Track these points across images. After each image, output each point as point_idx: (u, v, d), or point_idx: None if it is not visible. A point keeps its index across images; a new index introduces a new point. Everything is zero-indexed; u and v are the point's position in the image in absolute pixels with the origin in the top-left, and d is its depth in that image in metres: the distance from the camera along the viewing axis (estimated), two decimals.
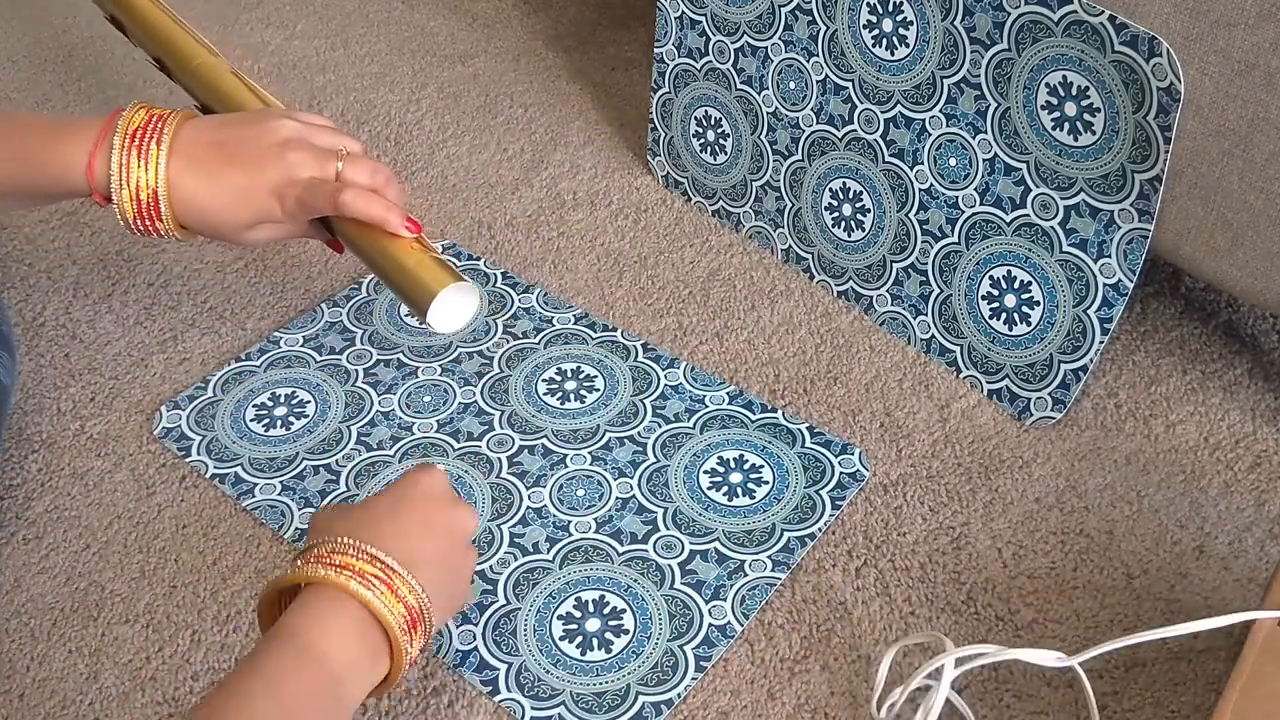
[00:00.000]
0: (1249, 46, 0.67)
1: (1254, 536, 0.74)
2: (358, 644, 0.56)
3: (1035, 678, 0.66)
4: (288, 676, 0.53)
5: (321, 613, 0.56)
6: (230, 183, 0.69)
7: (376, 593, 0.56)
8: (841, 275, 0.91)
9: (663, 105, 1.00)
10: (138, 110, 0.70)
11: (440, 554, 0.61)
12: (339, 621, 0.55)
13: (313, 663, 0.54)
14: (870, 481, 0.77)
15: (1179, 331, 0.88)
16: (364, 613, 0.56)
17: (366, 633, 0.56)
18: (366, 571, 0.57)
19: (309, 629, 0.55)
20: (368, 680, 0.57)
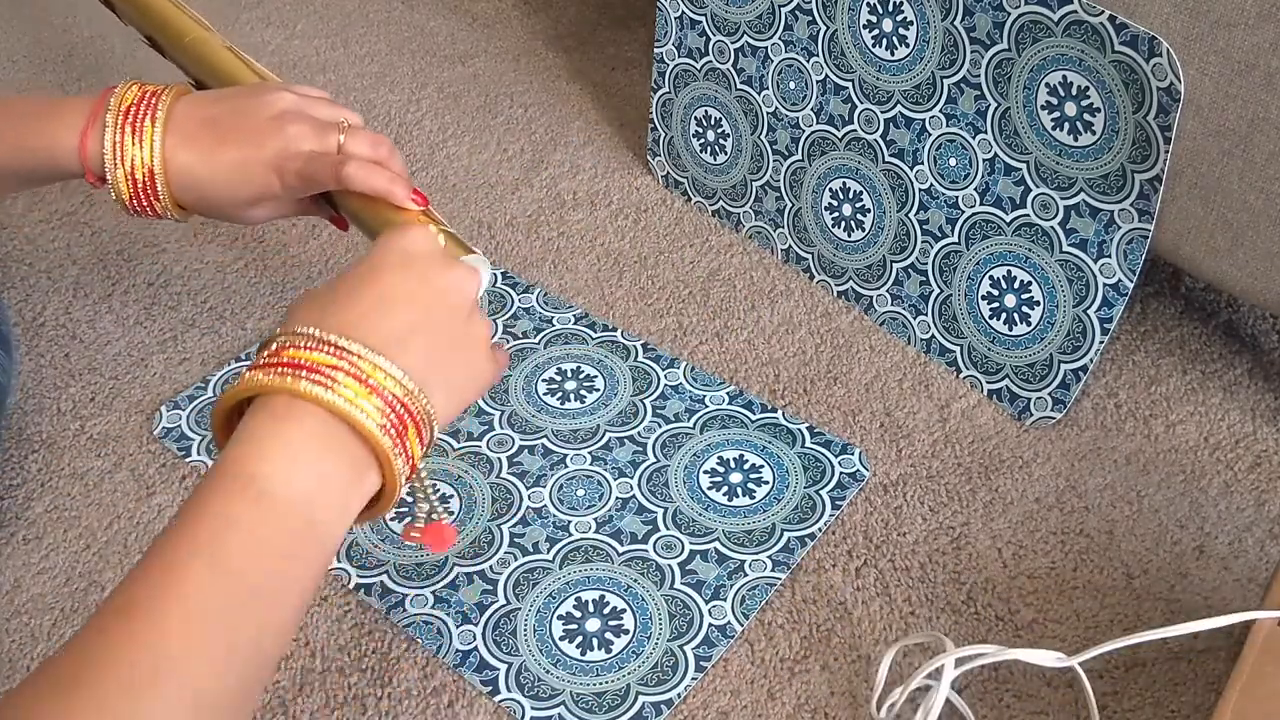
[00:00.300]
0: (1249, 46, 0.67)
1: (1254, 536, 0.74)
2: (322, 461, 0.46)
3: (1035, 678, 0.66)
4: (231, 521, 0.44)
5: (267, 433, 0.45)
6: (228, 158, 0.67)
7: (338, 389, 0.46)
8: (841, 275, 0.91)
9: (663, 105, 1.00)
10: (130, 87, 0.68)
11: (432, 326, 0.51)
12: (293, 437, 0.45)
13: (260, 500, 0.44)
14: (870, 481, 0.77)
15: (1179, 331, 0.88)
16: (326, 417, 0.46)
17: (336, 444, 0.46)
18: (322, 364, 0.46)
19: (252, 457, 0.45)
20: (350, 503, 0.47)
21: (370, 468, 0.48)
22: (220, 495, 0.44)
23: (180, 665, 0.40)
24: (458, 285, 0.54)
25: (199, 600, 0.42)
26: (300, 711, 0.65)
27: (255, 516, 0.44)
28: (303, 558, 0.45)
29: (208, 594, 0.42)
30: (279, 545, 0.44)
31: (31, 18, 1.28)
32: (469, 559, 0.72)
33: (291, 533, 0.45)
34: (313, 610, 0.70)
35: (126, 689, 0.39)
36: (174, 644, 0.40)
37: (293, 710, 0.65)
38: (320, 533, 0.46)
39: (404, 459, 0.49)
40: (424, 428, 0.50)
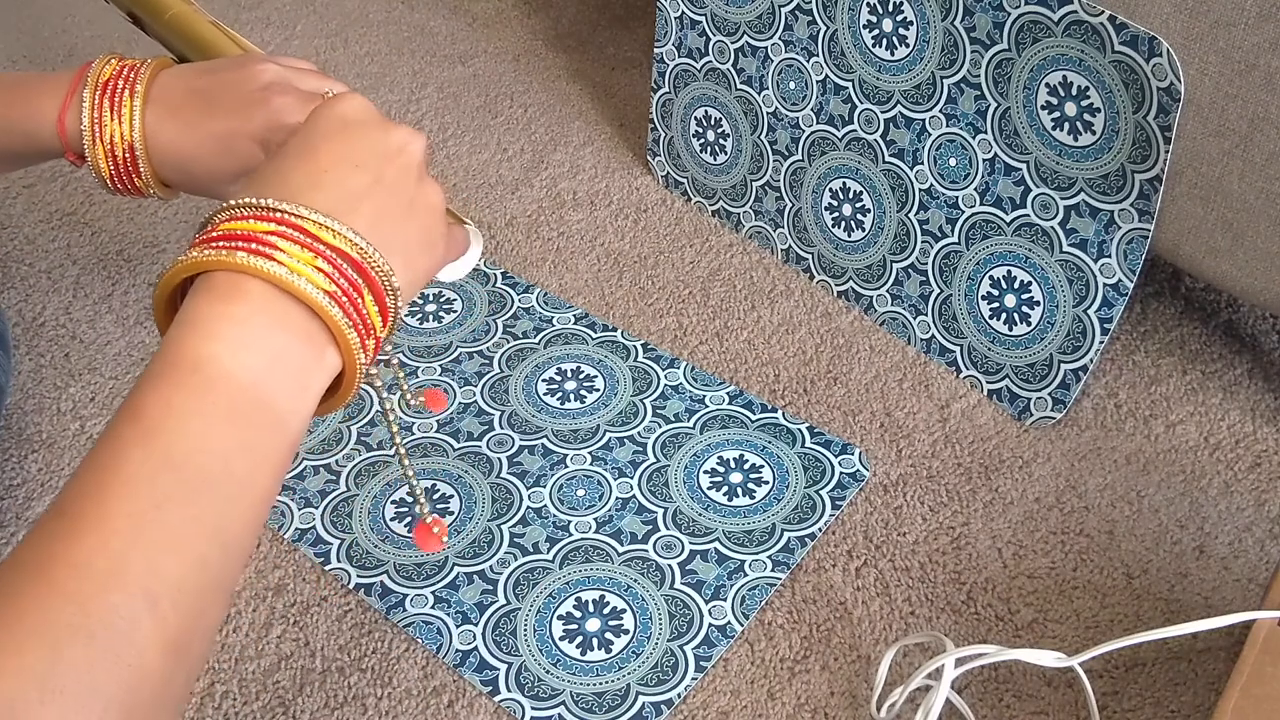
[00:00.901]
0: (1249, 46, 0.67)
1: (1254, 536, 0.74)
2: (271, 338, 0.42)
3: (1035, 678, 0.66)
4: (175, 408, 0.40)
5: (209, 313, 0.42)
6: (212, 131, 0.64)
7: (280, 256, 0.42)
8: (841, 275, 0.91)
9: (663, 105, 1.00)
10: (109, 60, 0.65)
11: (379, 187, 0.48)
12: (236, 315, 0.42)
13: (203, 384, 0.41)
14: (870, 481, 0.77)
15: (1179, 331, 0.88)
16: (269, 290, 0.43)
17: (284, 318, 0.43)
18: (261, 233, 0.43)
19: (192, 339, 0.41)
20: (309, 382, 0.44)
21: (327, 343, 0.45)
22: (161, 383, 0.41)
23: (132, 565, 0.37)
24: (403, 145, 0.50)
25: (146, 494, 0.38)
26: (300, 711, 0.65)
27: (201, 402, 0.40)
28: (261, 446, 0.42)
29: (154, 487, 0.39)
30: (231, 431, 0.41)
31: (31, 17, 1.28)
32: (469, 559, 0.72)
33: (245, 418, 0.41)
34: (313, 610, 0.70)
35: (74, 596, 0.36)
36: (122, 543, 0.37)
37: (293, 710, 0.65)
38: (278, 417, 0.42)
39: (360, 330, 0.45)
40: (384, 293, 0.46)
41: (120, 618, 0.36)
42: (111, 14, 1.27)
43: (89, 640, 0.35)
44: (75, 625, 0.36)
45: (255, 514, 0.42)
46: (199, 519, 0.39)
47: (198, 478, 0.40)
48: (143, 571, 0.37)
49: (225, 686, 0.66)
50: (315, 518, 0.75)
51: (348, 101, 0.51)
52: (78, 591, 0.36)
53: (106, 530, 0.37)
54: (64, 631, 0.35)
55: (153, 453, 0.39)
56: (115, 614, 0.36)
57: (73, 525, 0.38)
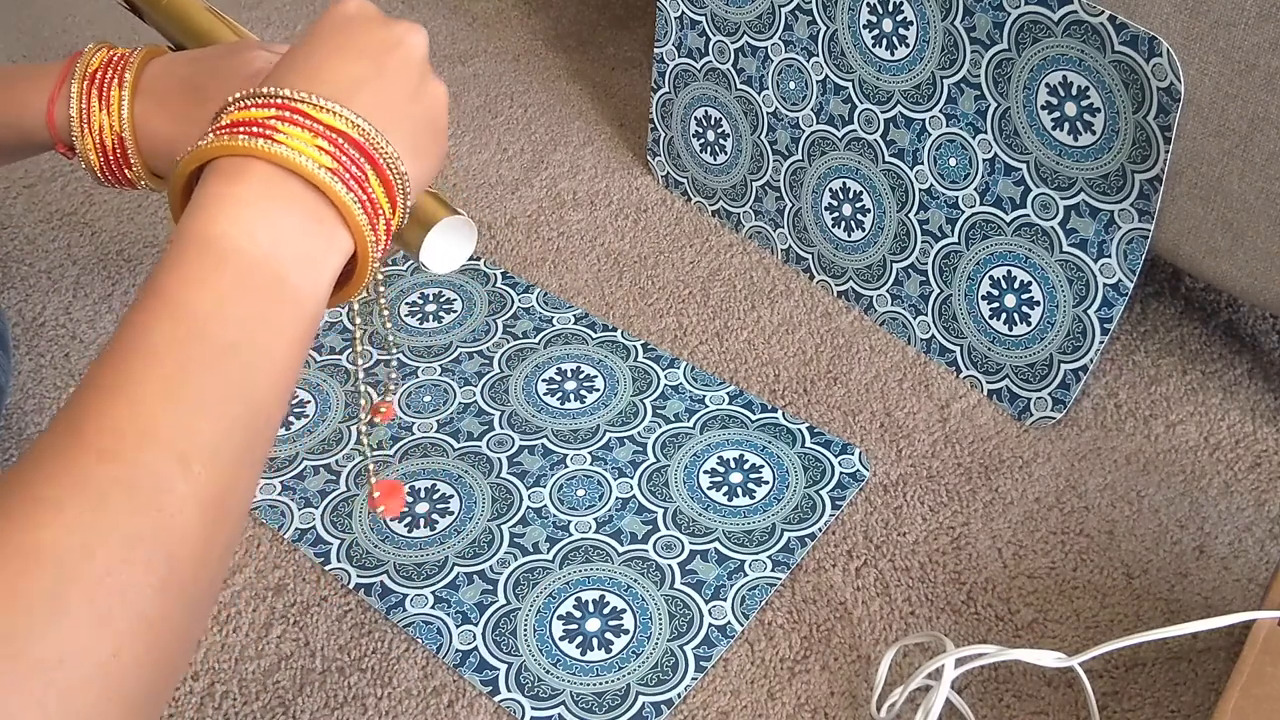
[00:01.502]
0: (1249, 46, 0.67)
1: (1254, 536, 0.74)
2: (280, 217, 0.43)
3: (1035, 678, 0.66)
4: (192, 281, 0.42)
5: (219, 195, 0.43)
6: (202, 121, 0.62)
7: (280, 138, 0.43)
8: (841, 275, 0.91)
9: (663, 105, 1.00)
10: (98, 50, 0.64)
11: (381, 75, 0.48)
12: (244, 196, 0.43)
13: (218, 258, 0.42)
14: (870, 481, 0.77)
15: (1179, 331, 0.88)
16: (274, 172, 0.44)
17: (291, 199, 0.44)
18: (263, 119, 0.44)
19: (203, 218, 0.43)
20: (322, 262, 0.45)
21: (337, 223, 0.45)
22: (177, 262, 0.42)
23: (163, 427, 0.38)
24: (404, 37, 0.51)
25: (173, 361, 0.40)
26: (300, 711, 0.65)
27: (216, 276, 0.42)
28: (278, 317, 0.43)
29: (180, 354, 0.40)
30: (249, 303, 0.42)
31: (31, 17, 1.28)
32: (469, 559, 0.73)
33: (260, 290, 0.43)
34: (313, 610, 0.70)
35: (111, 455, 0.37)
36: (153, 406, 0.38)
37: (293, 710, 0.65)
38: (294, 292, 0.43)
39: (368, 210, 0.46)
40: (389, 174, 0.47)
41: (157, 475, 0.37)
42: (112, 13, 1.27)
43: (129, 494, 0.37)
44: (114, 480, 0.37)
45: (280, 384, 0.43)
46: (225, 384, 0.40)
47: (220, 345, 0.41)
48: (174, 433, 0.38)
49: (225, 686, 0.66)
50: (315, 518, 0.75)
51: (347, 3, 0.51)
52: (114, 451, 0.37)
53: (137, 395, 0.38)
54: (104, 485, 0.36)
55: (177, 323, 0.40)
56: (152, 471, 0.37)
57: (104, 393, 0.39)
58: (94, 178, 0.65)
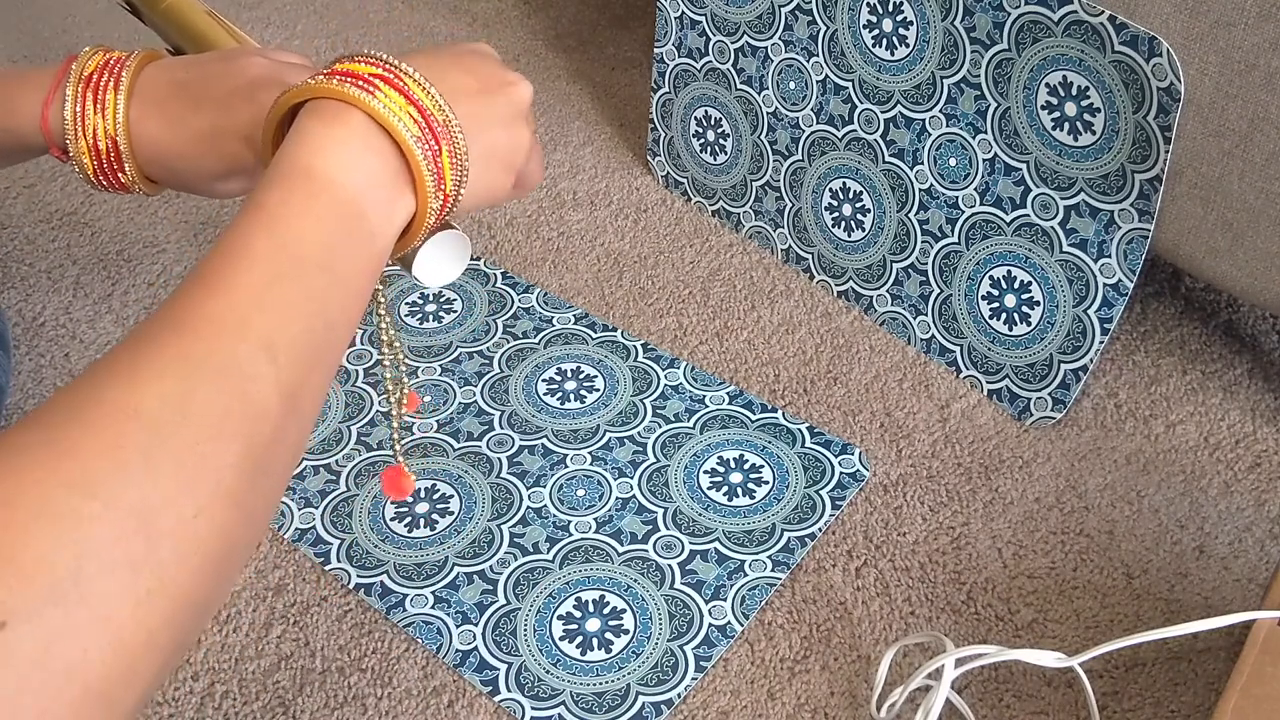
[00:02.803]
0: (1249, 46, 0.67)
1: (1254, 536, 0.74)
2: (367, 160, 0.49)
3: (1035, 678, 0.66)
4: (290, 204, 0.47)
5: (319, 132, 0.48)
6: (197, 127, 0.63)
7: (380, 96, 0.48)
8: (841, 275, 0.91)
9: (663, 105, 1.00)
10: (94, 53, 0.64)
11: (485, 98, 0.54)
12: (341, 137, 0.48)
13: (316, 186, 0.47)
14: (870, 481, 0.77)
15: (1179, 331, 0.88)
16: (368, 124, 0.49)
17: (378, 148, 0.49)
18: (368, 74, 0.49)
19: (304, 151, 0.48)
20: (392, 211, 0.50)
21: (406, 184, 0.50)
22: (279, 184, 0.47)
23: (254, 322, 0.43)
24: (514, 84, 0.56)
25: (267, 269, 0.45)
26: (300, 711, 0.65)
27: (313, 201, 0.47)
28: (357, 249, 0.48)
29: (273, 264, 0.45)
30: (335, 229, 0.47)
31: (31, 17, 1.28)
32: (469, 559, 0.73)
33: (346, 221, 0.48)
34: (313, 610, 0.70)
35: (206, 339, 0.42)
36: (247, 304, 0.44)
37: (293, 710, 0.65)
38: (370, 228, 0.49)
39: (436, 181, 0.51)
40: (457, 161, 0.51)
41: (246, 360, 0.42)
42: (112, 14, 1.27)
43: (221, 374, 0.41)
44: (209, 359, 0.41)
45: (351, 309, 0.48)
46: (308, 297, 0.46)
47: (308, 262, 0.46)
48: (263, 328, 0.43)
49: (225, 686, 0.66)
50: (315, 518, 0.75)
51: (479, 44, 0.58)
52: (210, 336, 0.42)
53: (234, 293, 0.44)
54: (200, 363, 0.41)
55: (273, 236, 0.46)
56: (242, 357, 0.42)
57: (205, 288, 0.44)
58: (88, 181, 0.65)
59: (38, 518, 0.35)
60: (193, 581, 0.38)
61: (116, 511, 0.36)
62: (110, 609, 0.35)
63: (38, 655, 0.33)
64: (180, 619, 0.38)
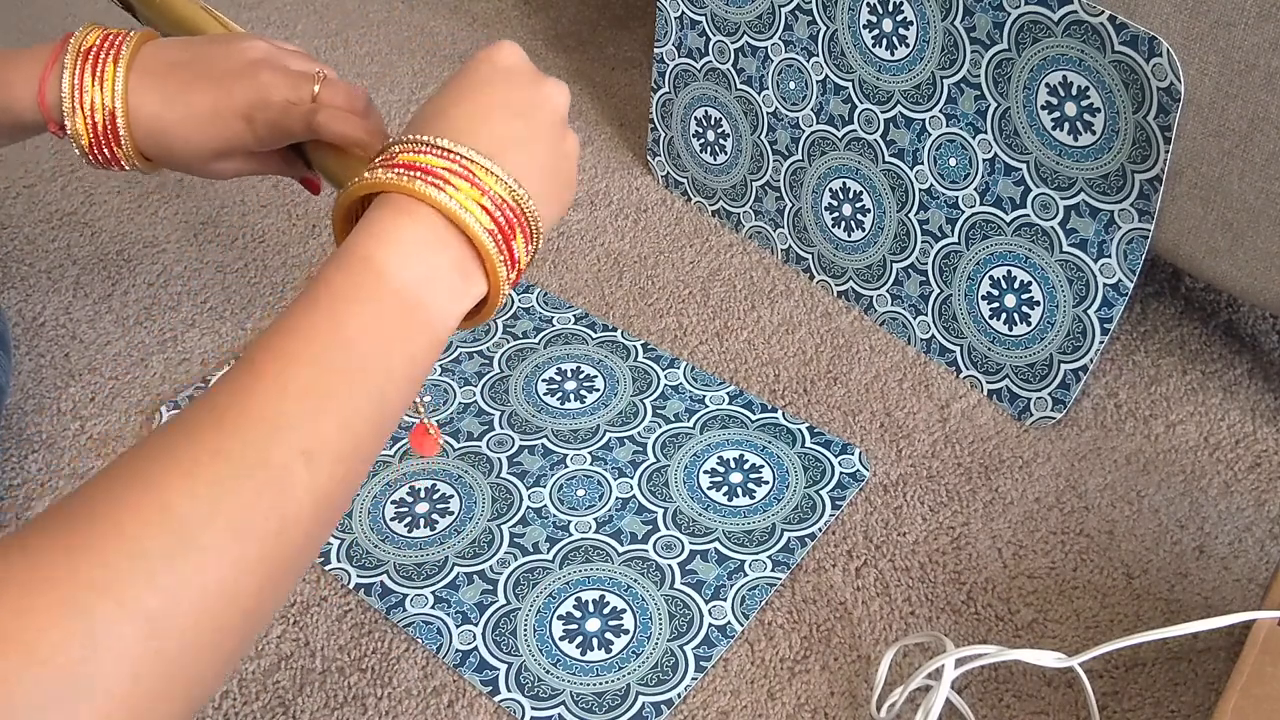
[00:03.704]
0: (1249, 46, 0.67)
1: (1254, 536, 0.74)
2: (435, 256, 0.48)
3: (1035, 678, 0.66)
4: (348, 296, 0.46)
5: (387, 224, 0.48)
6: (196, 104, 0.63)
7: (451, 191, 0.48)
8: (841, 275, 0.91)
9: (663, 105, 1.00)
10: (92, 30, 0.64)
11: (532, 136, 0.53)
12: (409, 231, 0.48)
13: (375, 280, 0.47)
14: (870, 481, 0.77)
15: (1179, 331, 0.88)
16: (438, 218, 0.49)
17: (447, 243, 0.49)
18: (436, 167, 0.49)
19: (370, 243, 0.48)
20: (458, 297, 0.50)
21: (477, 271, 0.50)
22: (341, 273, 0.47)
23: (298, 424, 0.43)
24: (550, 97, 0.56)
25: (317, 366, 0.44)
26: (300, 711, 0.65)
27: (372, 294, 0.47)
28: (413, 341, 0.48)
29: (324, 361, 0.45)
30: (392, 323, 0.47)
31: (31, 17, 1.29)
32: (469, 559, 0.73)
33: (404, 314, 0.47)
34: (313, 610, 0.70)
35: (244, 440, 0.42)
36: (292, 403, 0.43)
37: (293, 710, 0.65)
38: (429, 320, 0.49)
39: (508, 265, 0.51)
40: (531, 232, 0.52)
41: (281, 465, 0.42)
42: (110, 13, 1.27)
43: (254, 477, 0.41)
44: (244, 461, 0.41)
45: (401, 402, 0.48)
46: (356, 395, 0.45)
47: (362, 359, 0.46)
48: (305, 431, 0.43)
49: (225, 686, 0.66)
50: None
51: (504, 51, 0.55)
52: (248, 436, 0.42)
53: (277, 390, 0.43)
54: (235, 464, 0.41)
55: (331, 331, 0.45)
56: (278, 462, 0.42)
57: (254, 377, 0.43)
58: (83, 156, 0.65)
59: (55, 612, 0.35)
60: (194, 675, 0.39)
61: (131, 614, 0.37)
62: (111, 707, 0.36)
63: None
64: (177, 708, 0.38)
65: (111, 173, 1.04)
